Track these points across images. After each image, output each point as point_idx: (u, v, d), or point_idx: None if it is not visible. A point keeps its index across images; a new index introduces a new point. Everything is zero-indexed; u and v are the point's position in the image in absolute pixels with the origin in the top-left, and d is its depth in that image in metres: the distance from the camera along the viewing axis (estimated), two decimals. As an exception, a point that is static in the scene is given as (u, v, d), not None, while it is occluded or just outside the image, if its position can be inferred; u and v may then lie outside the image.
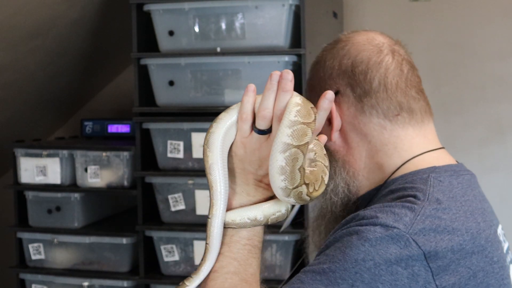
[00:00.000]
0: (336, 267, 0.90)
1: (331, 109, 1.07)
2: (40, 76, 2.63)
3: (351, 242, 0.91)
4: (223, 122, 0.94)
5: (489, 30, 2.89)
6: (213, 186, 0.94)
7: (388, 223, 0.91)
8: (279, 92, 0.92)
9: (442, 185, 1.01)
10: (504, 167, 2.90)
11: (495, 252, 0.99)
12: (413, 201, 0.96)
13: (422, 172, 1.04)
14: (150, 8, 2.30)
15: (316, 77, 1.13)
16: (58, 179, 2.50)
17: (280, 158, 0.89)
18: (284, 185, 0.90)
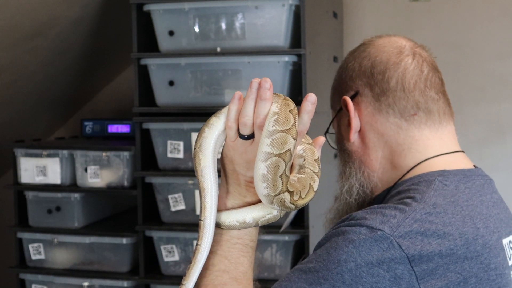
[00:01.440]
0: (320, 266, 0.92)
1: (349, 110, 1.11)
2: (40, 76, 2.63)
3: (336, 243, 0.93)
4: (214, 127, 0.96)
5: (489, 30, 2.89)
6: (205, 188, 0.96)
7: (374, 224, 0.92)
8: (257, 100, 0.92)
9: (446, 189, 1.01)
10: (504, 167, 2.90)
11: (493, 259, 0.97)
12: (408, 203, 0.96)
13: (430, 175, 1.04)
14: (150, 8, 2.29)
15: (338, 79, 1.17)
16: (58, 179, 2.50)
17: (262, 167, 0.90)
18: (266, 192, 0.91)
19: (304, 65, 2.19)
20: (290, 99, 0.95)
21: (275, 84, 2.22)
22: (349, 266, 0.90)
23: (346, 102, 1.13)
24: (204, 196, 0.96)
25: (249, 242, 0.99)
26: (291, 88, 2.25)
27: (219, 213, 0.97)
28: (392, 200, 1.02)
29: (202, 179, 0.96)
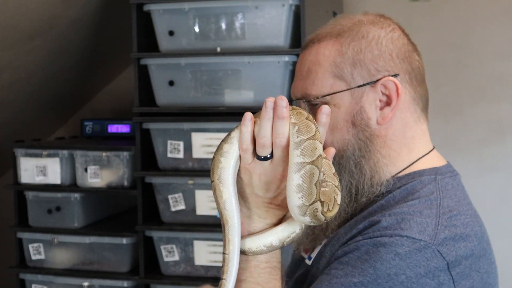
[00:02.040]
0: (368, 281, 0.91)
1: (399, 93, 1.05)
2: (40, 76, 2.63)
3: (380, 256, 0.92)
4: (229, 155, 0.94)
5: (489, 30, 2.89)
6: (229, 221, 0.93)
7: (414, 235, 0.93)
8: (275, 119, 0.90)
9: (448, 189, 1.03)
10: (504, 167, 2.90)
11: (491, 253, 1.03)
12: (430, 207, 0.98)
13: (428, 173, 1.05)
14: (150, 8, 2.30)
15: (368, 53, 1.07)
16: (58, 179, 2.50)
17: (296, 177, 0.88)
18: (301, 203, 0.89)
19: (304, 65, 2.18)
20: (297, 107, 0.95)
21: (275, 84, 2.23)
22: (400, 279, 0.91)
23: (394, 83, 1.05)
24: (228, 228, 0.93)
25: (276, 264, 0.98)
26: (290, 88, 2.24)
27: (243, 240, 0.96)
28: (398, 202, 1.01)
29: (225, 211, 0.93)
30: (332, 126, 1.04)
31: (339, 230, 1.05)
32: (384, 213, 0.98)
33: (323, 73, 1.07)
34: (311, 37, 1.12)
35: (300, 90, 1.09)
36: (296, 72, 1.12)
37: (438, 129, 2.96)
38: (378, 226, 0.96)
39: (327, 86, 1.06)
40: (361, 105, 1.06)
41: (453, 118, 2.94)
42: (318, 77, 1.07)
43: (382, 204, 1.03)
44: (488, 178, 2.91)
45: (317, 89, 1.07)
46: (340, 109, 1.06)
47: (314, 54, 1.09)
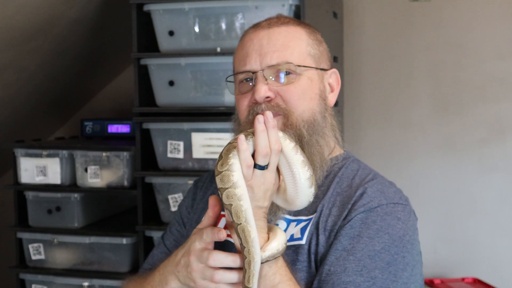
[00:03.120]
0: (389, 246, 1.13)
1: (338, 83, 1.31)
2: (40, 76, 2.63)
3: (388, 223, 1.15)
4: (245, 196, 1.06)
5: (489, 30, 2.89)
6: (255, 258, 1.05)
7: (401, 201, 1.20)
8: (268, 130, 1.07)
9: (366, 164, 1.32)
10: (504, 167, 2.90)
11: None
12: (383, 180, 1.24)
13: (348, 155, 1.31)
14: (150, 8, 2.30)
15: (324, 46, 1.32)
16: (58, 179, 2.50)
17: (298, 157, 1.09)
18: (309, 174, 1.09)
19: (304, 65, 2.18)
20: None
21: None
22: (406, 238, 1.15)
23: (337, 75, 1.31)
24: (254, 265, 1.04)
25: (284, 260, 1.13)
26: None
27: (264, 252, 1.07)
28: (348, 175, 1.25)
29: (253, 249, 1.05)
30: (304, 95, 1.22)
31: (321, 209, 1.20)
32: (361, 186, 1.20)
33: (300, 48, 1.25)
34: (273, 20, 1.28)
35: (276, 57, 1.22)
36: (257, 46, 1.25)
37: (438, 129, 2.96)
38: (368, 197, 1.17)
39: (303, 60, 1.24)
40: (324, 85, 1.28)
41: (453, 118, 2.94)
42: (297, 51, 1.24)
43: (337, 181, 1.24)
44: (488, 178, 2.91)
45: (297, 59, 1.23)
46: (312, 82, 1.24)
47: (286, 32, 1.25)
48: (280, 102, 1.22)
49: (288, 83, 1.22)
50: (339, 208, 1.19)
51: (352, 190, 1.21)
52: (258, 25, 1.29)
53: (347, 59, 3.02)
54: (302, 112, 1.22)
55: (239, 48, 1.33)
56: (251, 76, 1.25)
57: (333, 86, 1.31)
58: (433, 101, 2.95)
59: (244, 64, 1.27)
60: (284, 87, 1.22)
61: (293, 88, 1.22)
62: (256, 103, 1.22)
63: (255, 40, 1.26)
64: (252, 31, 1.29)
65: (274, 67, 1.22)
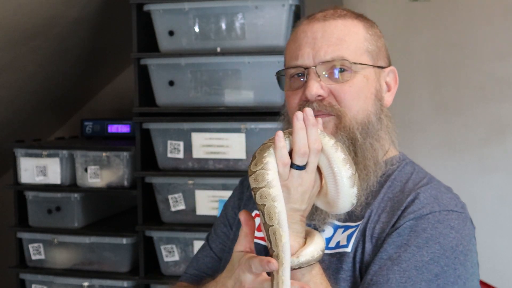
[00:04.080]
0: (438, 256, 1.05)
1: (396, 82, 1.24)
2: (40, 76, 2.63)
3: (439, 231, 1.06)
4: (279, 197, 0.99)
5: (489, 30, 2.89)
6: (284, 263, 0.97)
7: (457, 208, 1.11)
8: (308, 128, 0.99)
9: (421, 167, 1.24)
10: (504, 167, 2.90)
11: None
12: (438, 184, 1.16)
13: (402, 158, 1.24)
14: (150, 8, 2.30)
15: (382, 42, 1.24)
16: (58, 179, 2.50)
17: (339, 154, 1.01)
18: (350, 172, 1.01)
19: (304, 65, 2.18)
20: None
21: (275, 84, 2.22)
22: (460, 249, 1.06)
23: (395, 73, 1.23)
24: (283, 270, 0.97)
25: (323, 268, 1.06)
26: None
27: (298, 258, 1.01)
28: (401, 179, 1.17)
29: (282, 254, 0.98)
30: (358, 94, 1.14)
31: (369, 215, 1.12)
32: (413, 191, 1.12)
33: (357, 44, 1.16)
34: (329, 13, 1.18)
35: (331, 53, 1.13)
36: (311, 39, 1.16)
37: (438, 129, 2.96)
38: (420, 203, 1.09)
39: (360, 57, 1.15)
40: (380, 84, 1.19)
41: (453, 118, 2.94)
42: (354, 46, 1.15)
43: (389, 185, 1.16)
44: (488, 178, 2.91)
45: (353, 56, 1.14)
46: (368, 81, 1.16)
47: (343, 26, 1.16)
48: (333, 102, 1.14)
49: (343, 81, 1.14)
50: (388, 214, 1.11)
51: (404, 195, 1.13)
52: (312, 16, 1.20)
53: (347, 59, 3.02)
54: (356, 113, 1.14)
55: (291, 40, 1.21)
56: (303, 71, 1.16)
57: (390, 85, 1.22)
58: (433, 101, 2.94)
59: (296, 58, 1.17)
60: (337, 85, 1.14)
61: (348, 87, 1.14)
62: (307, 100, 1.14)
63: (308, 33, 1.16)
64: (306, 22, 1.19)
65: (328, 63, 1.14)
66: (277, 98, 2.22)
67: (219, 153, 2.26)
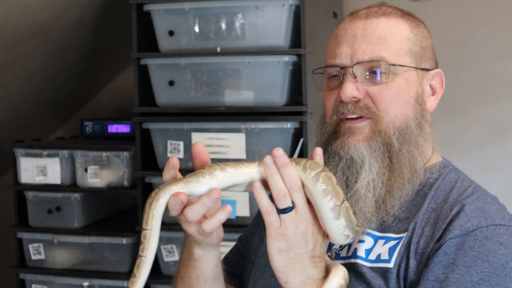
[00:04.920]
0: (488, 276, 0.98)
1: (443, 85, 1.15)
2: (40, 76, 2.63)
3: (487, 248, 0.99)
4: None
5: (489, 30, 2.89)
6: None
7: (505, 222, 1.03)
8: (280, 169, 0.93)
9: (465, 175, 1.16)
10: (504, 167, 2.90)
11: None
12: (484, 194, 1.09)
13: (443, 164, 1.15)
14: (150, 8, 2.29)
15: (429, 43, 1.16)
16: (58, 179, 2.50)
17: (318, 186, 0.93)
18: (332, 204, 0.93)
19: (304, 65, 2.19)
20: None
21: (275, 84, 2.23)
22: (510, 265, 0.99)
23: (441, 76, 1.15)
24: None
25: None
26: (291, 88, 2.25)
27: None
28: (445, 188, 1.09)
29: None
30: (397, 98, 1.07)
31: (413, 228, 1.05)
32: (458, 203, 1.04)
33: (399, 44, 1.09)
34: (372, 10, 1.12)
35: (369, 52, 1.07)
36: (351, 37, 1.11)
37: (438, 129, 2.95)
38: (466, 216, 1.02)
39: (401, 58, 1.09)
40: (423, 87, 1.11)
41: (453, 118, 2.93)
42: (395, 47, 1.09)
43: (433, 195, 1.08)
44: (488, 178, 2.90)
45: (393, 56, 1.08)
46: (409, 84, 1.09)
47: (385, 25, 1.10)
48: (370, 104, 1.07)
49: (381, 83, 1.07)
50: (432, 226, 1.04)
51: (448, 206, 1.05)
52: (356, 13, 1.14)
53: (347, 59, 3.02)
54: (394, 117, 1.07)
55: (332, 37, 1.17)
56: (340, 71, 1.10)
57: (435, 88, 1.13)
58: (433, 101, 2.94)
59: (334, 57, 1.11)
60: (375, 87, 1.07)
61: (386, 90, 1.07)
62: (342, 102, 1.08)
63: (349, 31, 1.11)
64: (348, 20, 1.13)
65: (365, 64, 1.07)
66: (277, 98, 2.22)
67: (219, 153, 2.26)
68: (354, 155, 1.05)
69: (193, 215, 0.95)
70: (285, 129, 2.22)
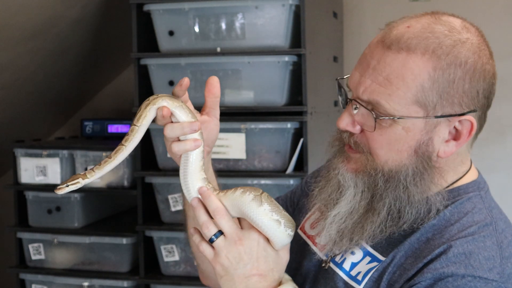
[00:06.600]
0: None
1: (472, 130, 1.00)
2: (40, 76, 2.63)
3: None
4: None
5: (489, 30, 2.88)
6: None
7: (486, 275, 0.91)
8: (204, 202, 1.02)
9: (493, 207, 1.03)
10: (504, 167, 2.90)
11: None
12: (490, 235, 0.96)
13: (471, 189, 1.04)
14: (150, 8, 2.29)
15: (460, 86, 0.98)
16: (58, 179, 2.49)
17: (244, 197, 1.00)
18: (253, 195, 0.99)
19: (304, 65, 2.19)
20: None
21: (275, 84, 2.22)
22: None
23: (471, 123, 0.99)
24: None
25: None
26: (291, 88, 2.25)
27: None
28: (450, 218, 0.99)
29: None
30: (392, 145, 0.98)
31: (395, 255, 0.99)
32: (447, 242, 0.94)
33: (404, 92, 0.95)
34: (400, 37, 0.98)
35: (368, 93, 0.97)
36: (365, 65, 0.99)
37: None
38: (447, 259, 0.92)
39: (404, 107, 0.96)
40: (431, 136, 0.98)
41: (453, 118, 2.93)
42: (397, 94, 0.95)
43: (434, 224, 0.98)
44: (488, 178, 2.90)
45: (391, 105, 0.96)
46: (408, 133, 0.97)
47: (400, 64, 0.96)
48: (362, 143, 1.00)
49: (375, 127, 0.97)
50: (413, 260, 0.95)
51: (437, 242, 0.95)
52: (385, 34, 1.00)
53: (347, 59, 3.02)
54: (385, 162, 0.98)
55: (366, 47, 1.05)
56: (346, 98, 1.04)
57: (460, 133, 1.00)
58: (433, 101, 2.94)
59: (350, 75, 1.02)
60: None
61: (377, 135, 0.97)
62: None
63: (368, 56, 0.99)
64: (376, 40, 1.01)
65: (364, 103, 0.98)
66: (277, 98, 2.22)
67: (219, 153, 2.25)
68: (341, 180, 1.02)
69: (168, 133, 1.02)
70: (285, 129, 2.22)
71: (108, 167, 1.04)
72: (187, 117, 1.04)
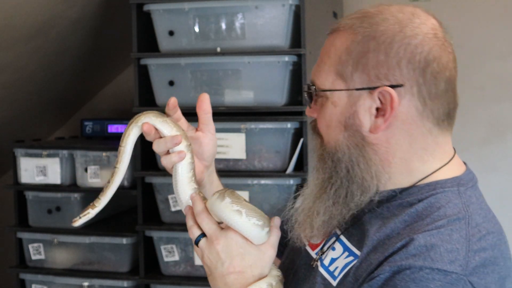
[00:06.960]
0: None
1: (393, 107, 0.95)
2: (40, 76, 2.63)
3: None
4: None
5: (489, 30, 2.89)
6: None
7: (446, 267, 0.88)
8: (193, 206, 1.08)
9: (473, 203, 0.99)
10: (504, 167, 2.90)
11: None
12: (459, 230, 0.93)
13: (450, 184, 0.99)
14: (150, 8, 2.30)
15: (373, 57, 0.97)
16: (58, 179, 2.50)
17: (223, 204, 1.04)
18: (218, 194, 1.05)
19: (304, 65, 2.19)
20: None
21: (275, 84, 2.23)
22: None
23: (390, 95, 0.95)
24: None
25: None
26: (291, 88, 2.25)
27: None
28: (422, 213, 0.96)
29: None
30: (327, 123, 1.01)
31: (363, 251, 0.97)
32: (411, 235, 0.92)
33: (329, 66, 1.00)
34: (339, 22, 1.04)
35: (312, 76, 1.04)
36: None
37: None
38: (407, 252, 0.90)
39: (329, 81, 1.00)
40: (355, 109, 0.98)
41: (453, 118, 2.93)
42: (325, 70, 1.01)
43: (405, 220, 0.96)
44: (488, 178, 2.90)
45: (321, 81, 1.01)
46: (336, 108, 0.99)
47: (329, 43, 1.02)
48: (317, 127, 1.06)
49: (317, 107, 1.04)
50: (378, 255, 0.94)
51: (400, 236, 0.94)
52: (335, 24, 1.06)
53: (347, 59, 3.02)
54: (328, 142, 1.02)
55: None
56: None
57: (383, 107, 0.97)
58: (433, 101, 2.94)
59: None
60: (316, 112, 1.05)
61: (320, 116, 1.03)
62: None
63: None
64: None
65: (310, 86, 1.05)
66: (277, 98, 2.22)
67: (219, 153, 2.25)
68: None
69: (155, 148, 1.12)
70: (285, 129, 2.22)
71: (110, 191, 1.19)
72: (171, 131, 1.11)
